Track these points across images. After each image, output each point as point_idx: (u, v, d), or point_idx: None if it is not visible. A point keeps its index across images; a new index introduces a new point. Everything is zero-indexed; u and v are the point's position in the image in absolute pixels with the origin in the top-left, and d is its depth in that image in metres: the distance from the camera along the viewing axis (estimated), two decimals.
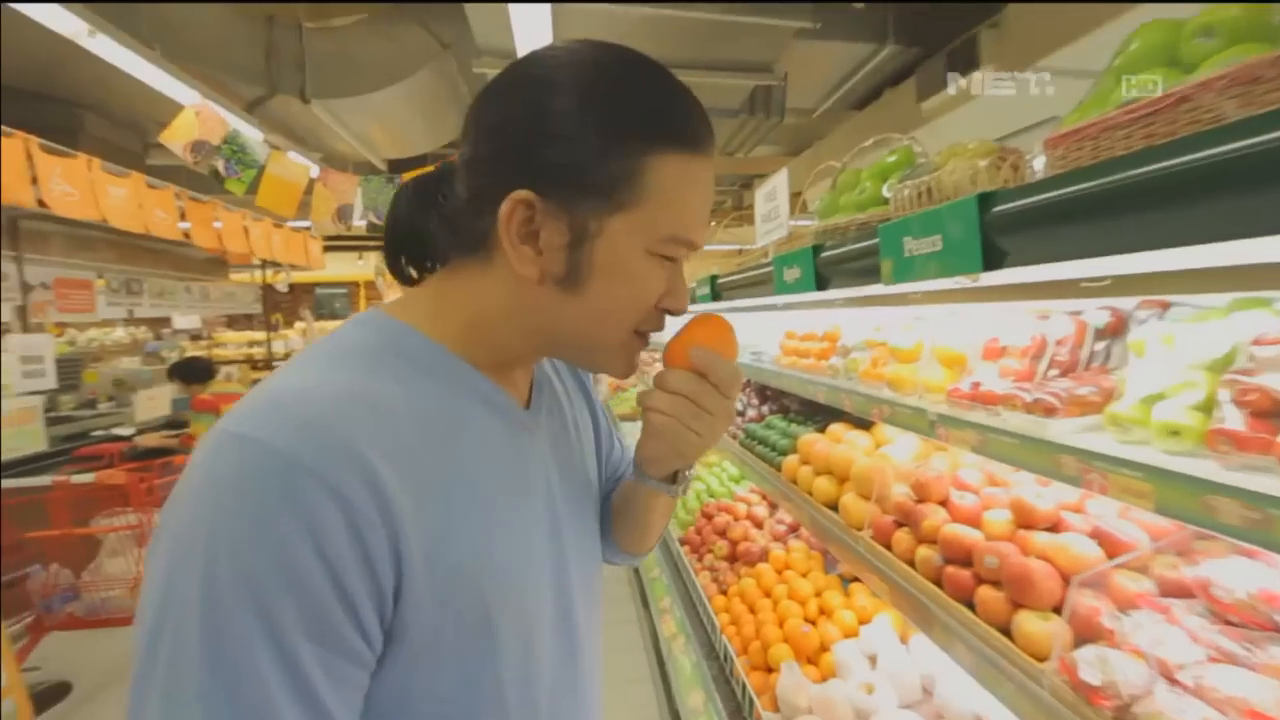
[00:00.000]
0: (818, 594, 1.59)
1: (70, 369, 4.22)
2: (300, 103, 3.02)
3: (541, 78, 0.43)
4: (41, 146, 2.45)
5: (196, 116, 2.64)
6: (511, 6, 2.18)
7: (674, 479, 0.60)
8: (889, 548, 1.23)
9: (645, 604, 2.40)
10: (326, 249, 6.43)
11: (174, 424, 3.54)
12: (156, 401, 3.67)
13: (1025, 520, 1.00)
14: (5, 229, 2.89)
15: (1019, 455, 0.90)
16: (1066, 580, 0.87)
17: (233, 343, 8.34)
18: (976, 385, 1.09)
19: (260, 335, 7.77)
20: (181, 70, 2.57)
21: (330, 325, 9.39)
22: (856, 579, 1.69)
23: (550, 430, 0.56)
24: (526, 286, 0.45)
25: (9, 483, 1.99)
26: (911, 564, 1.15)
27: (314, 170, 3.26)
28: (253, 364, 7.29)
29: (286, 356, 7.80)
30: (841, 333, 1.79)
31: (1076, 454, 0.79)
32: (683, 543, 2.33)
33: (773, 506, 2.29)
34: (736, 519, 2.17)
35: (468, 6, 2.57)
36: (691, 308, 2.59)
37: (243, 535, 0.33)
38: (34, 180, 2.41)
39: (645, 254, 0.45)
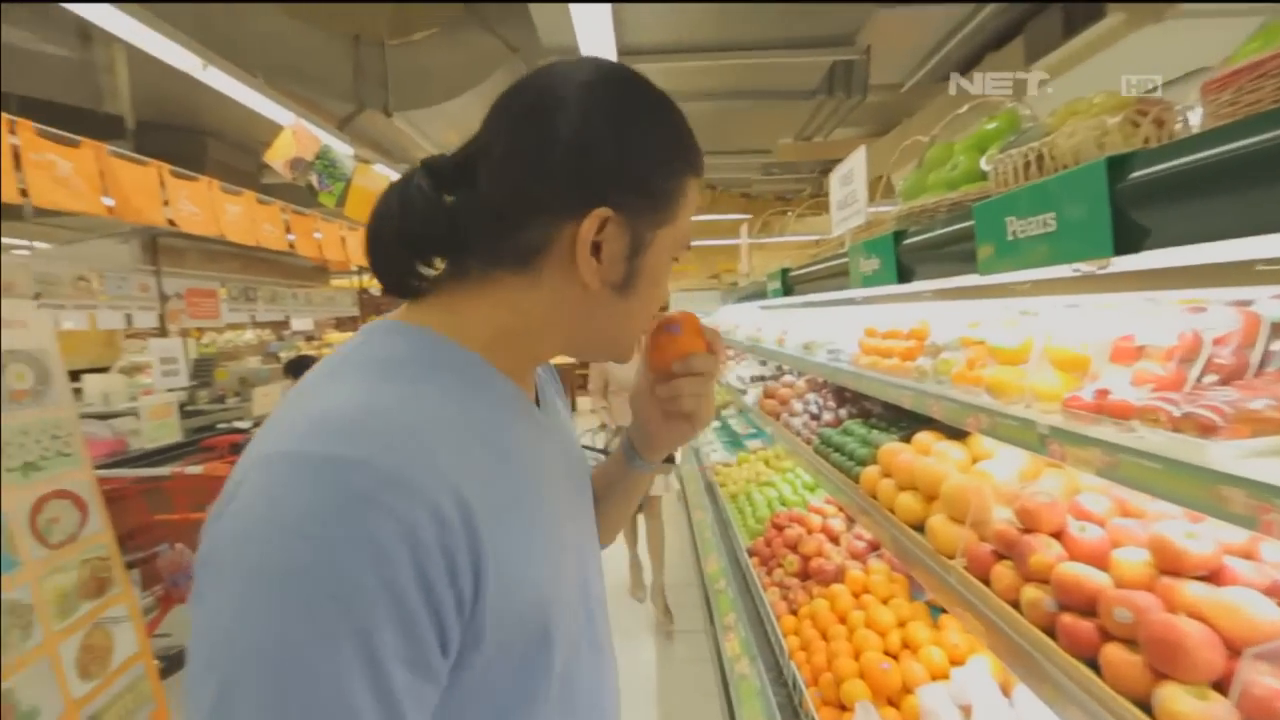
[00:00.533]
0: (901, 624, 1.42)
1: (206, 368, 4.78)
2: (384, 117, 3.19)
3: (627, 106, 0.46)
4: (171, 172, 2.76)
5: (293, 135, 2.87)
6: (573, 5, 2.15)
7: (670, 458, 0.69)
8: (987, 583, 1.05)
9: (711, 618, 2.30)
10: None
11: None
12: (270, 397, 4.06)
13: (1170, 565, 0.80)
14: (145, 246, 3.32)
15: (1162, 483, 0.72)
16: (1232, 649, 0.68)
17: (338, 342, 9.12)
18: (1103, 394, 0.90)
19: None
20: (280, 93, 2.79)
21: None
22: (949, 610, 1.49)
23: (556, 424, 0.57)
24: (580, 295, 0.47)
25: (142, 471, 2.26)
26: (1015, 605, 0.97)
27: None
28: None
29: None
30: (930, 330, 1.59)
31: (1248, 486, 0.60)
32: (751, 553, 2.20)
33: (850, 520, 2.10)
34: (810, 531, 2.01)
35: (533, 8, 2.58)
36: (762, 303, 2.44)
37: (344, 565, 0.31)
38: (165, 202, 2.72)
39: (670, 260, 0.51)
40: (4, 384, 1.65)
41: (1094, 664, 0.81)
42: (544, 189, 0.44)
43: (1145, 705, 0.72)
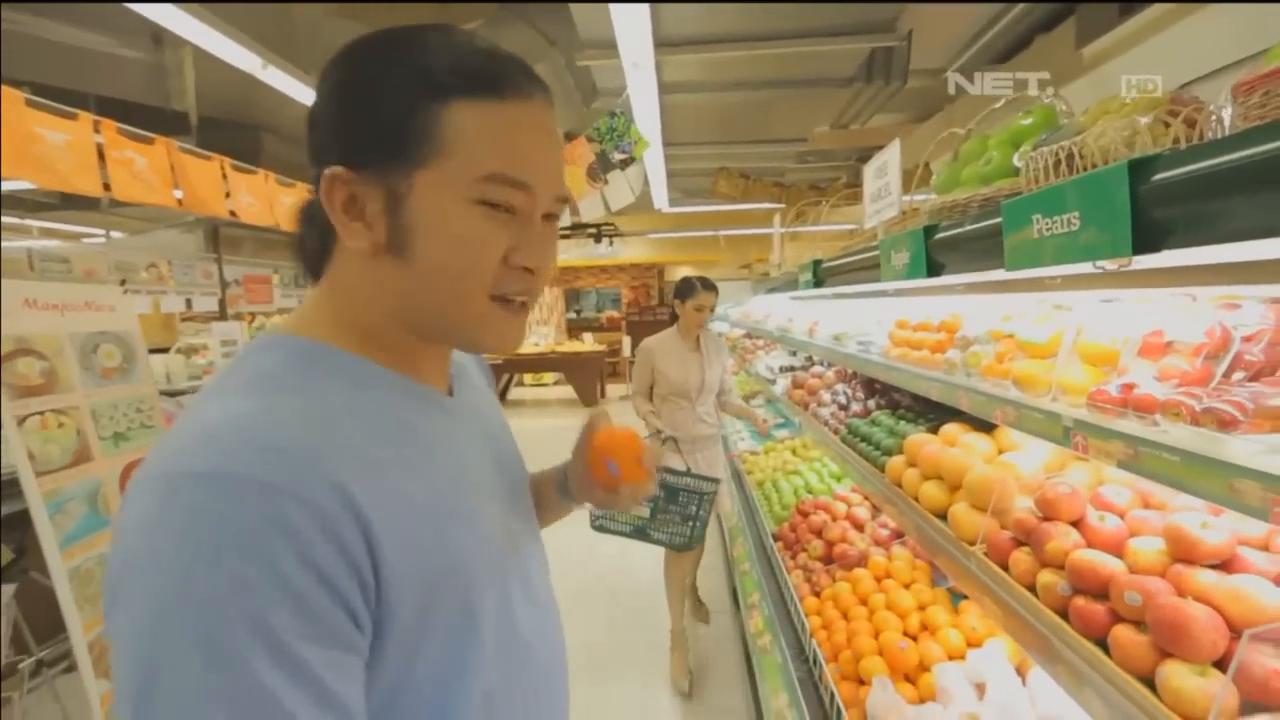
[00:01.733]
0: (921, 608, 1.46)
1: None
2: None
3: (337, 62, 0.45)
4: (232, 166, 2.94)
5: None
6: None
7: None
8: (1005, 568, 1.08)
9: (735, 599, 2.37)
10: None
11: None
12: None
13: (1184, 553, 0.83)
14: (208, 236, 3.55)
15: (1182, 476, 0.75)
16: (1235, 631, 0.71)
17: None
18: (1129, 388, 0.92)
19: None
20: None
21: None
22: (969, 596, 1.53)
23: (475, 413, 0.57)
24: (370, 265, 0.45)
25: None
26: (1032, 589, 1.01)
27: None
28: None
29: None
30: (961, 322, 1.60)
31: (1262, 479, 0.63)
32: (776, 538, 2.26)
33: (875, 509, 2.13)
34: (834, 519, 2.05)
35: (571, 3, 2.63)
36: (793, 294, 2.43)
37: (227, 563, 0.32)
38: (227, 194, 2.90)
39: (467, 204, 0.43)
40: (97, 362, 1.83)
41: (1103, 645, 0.84)
42: (312, 169, 0.45)
43: (1149, 682, 0.76)
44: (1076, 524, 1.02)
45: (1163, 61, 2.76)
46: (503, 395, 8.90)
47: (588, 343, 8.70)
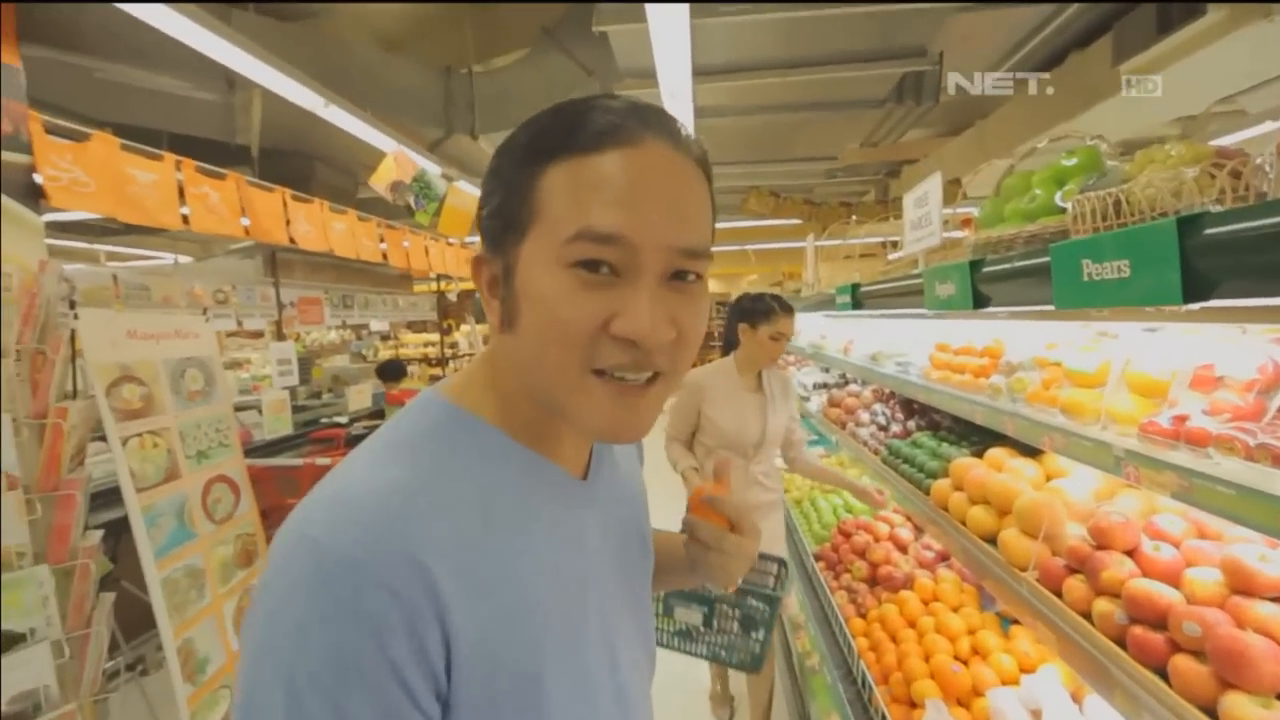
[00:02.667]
0: (970, 632, 1.48)
1: (304, 367, 5.30)
2: (470, 139, 3.47)
3: (503, 154, 0.46)
4: (292, 196, 3.13)
5: (395, 161, 3.18)
6: (651, 24, 2.28)
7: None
8: (1059, 595, 1.11)
9: (780, 619, 2.39)
10: None
11: (376, 414, 4.29)
12: (362, 395, 4.47)
13: (1242, 585, 0.85)
14: (267, 261, 3.77)
15: (1236, 509, 0.78)
16: None
17: (413, 343, 9.79)
18: (1181, 420, 0.95)
19: (435, 337, 9.02)
20: (381, 122, 3.10)
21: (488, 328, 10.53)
22: (1018, 621, 1.54)
23: (609, 496, 0.55)
24: (503, 340, 0.46)
25: (275, 461, 2.61)
26: (1087, 617, 1.03)
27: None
28: (428, 361, 8.48)
29: (455, 355, 8.94)
30: (1005, 348, 1.63)
31: None
32: (817, 558, 2.28)
33: (918, 530, 2.14)
34: (877, 540, 2.07)
35: (611, 32, 2.75)
36: (830, 314, 2.44)
37: (314, 634, 0.35)
38: (287, 222, 3.09)
39: (559, 269, 0.40)
40: (184, 386, 1.98)
41: (1162, 674, 0.87)
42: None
43: (1211, 712, 0.78)
44: (1131, 553, 1.04)
45: (1200, 79, 2.75)
46: None
47: None
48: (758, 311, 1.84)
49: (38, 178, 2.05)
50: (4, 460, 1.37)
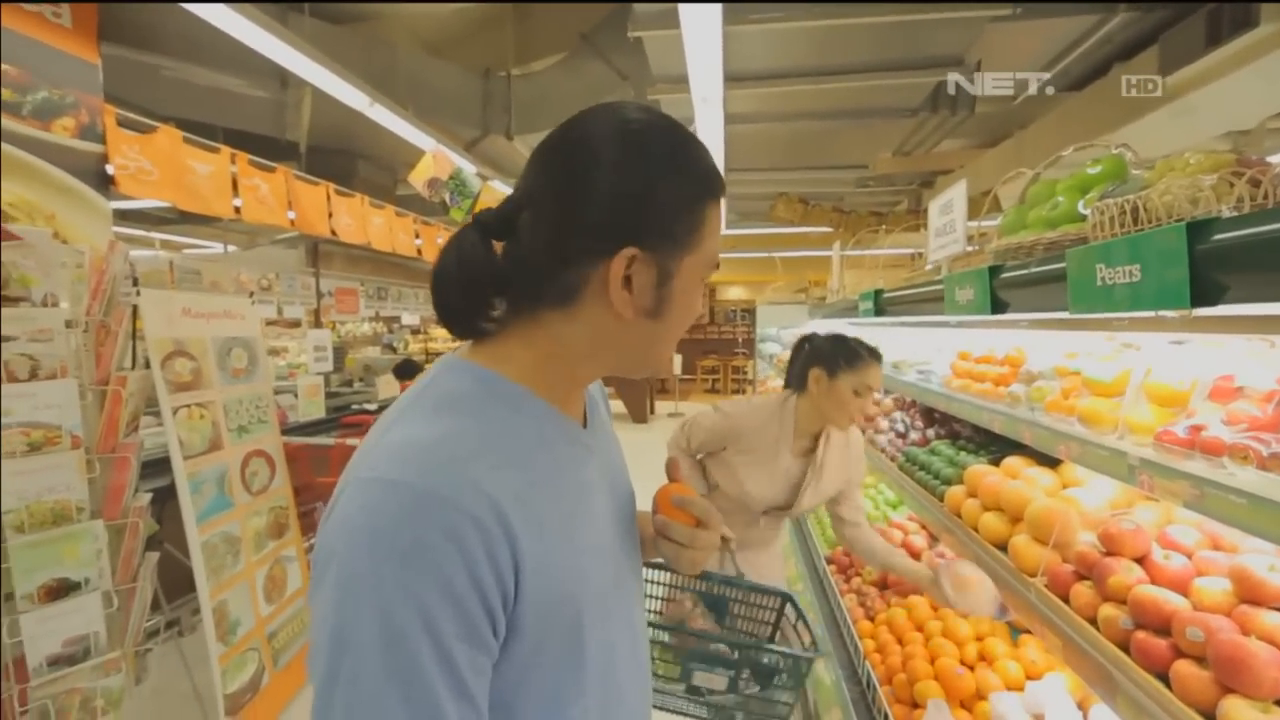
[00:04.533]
0: (979, 638, 1.47)
1: (337, 355, 5.49)
2: (505, 140, 3.58)
3: (620, 147, 0.50)
4: (335, 191, 3.28)
5: (433, 159, 3.30)
6: (684, 30, 2.33)
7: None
8: (1066, 600, 1.11)
9: None
10: None
11: None
12: (390, 385, 4.62)
13: (1250, 594, 0.85)
14: (309, 252, 3.95)
15: (1248, 519, 0.78)
16: None
17: (441, 337, 10.03)
18: (1196, 430, 0.95)
19: None
20: (422, 122, 3.23)
21: None
22: (1030, 630, 1.52)
23: (602, 445, 0.63)
24: (615, 323, 0.51)
25: (310, 439, 2.73)
26: (1093, 622, 1.03)
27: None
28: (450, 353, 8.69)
29: None
30: (1025, 357, 1.62)
31: None
32: (829, 561, 2.29)
33: (933, 538, 2.13)
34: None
35: (646, 38, 2.81)
36: (859, 319, 2.42)
37: (410, 565, 0.39)
38: (329, 215, 3.24)
39: (699, 282, 0.55)
40: (229, 363, 2.11)
41: (1165, 679, 0.87)
42: (578, 237, 0.49)
43: (1210, 716, 0.79)
44: (1140, 560, 1.04)
45: (1253, 92, 2.67)
46: None
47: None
48: (840, 356, 1.39)
49: (109, 167, 2.21)
50: (69, 422, 1.49)
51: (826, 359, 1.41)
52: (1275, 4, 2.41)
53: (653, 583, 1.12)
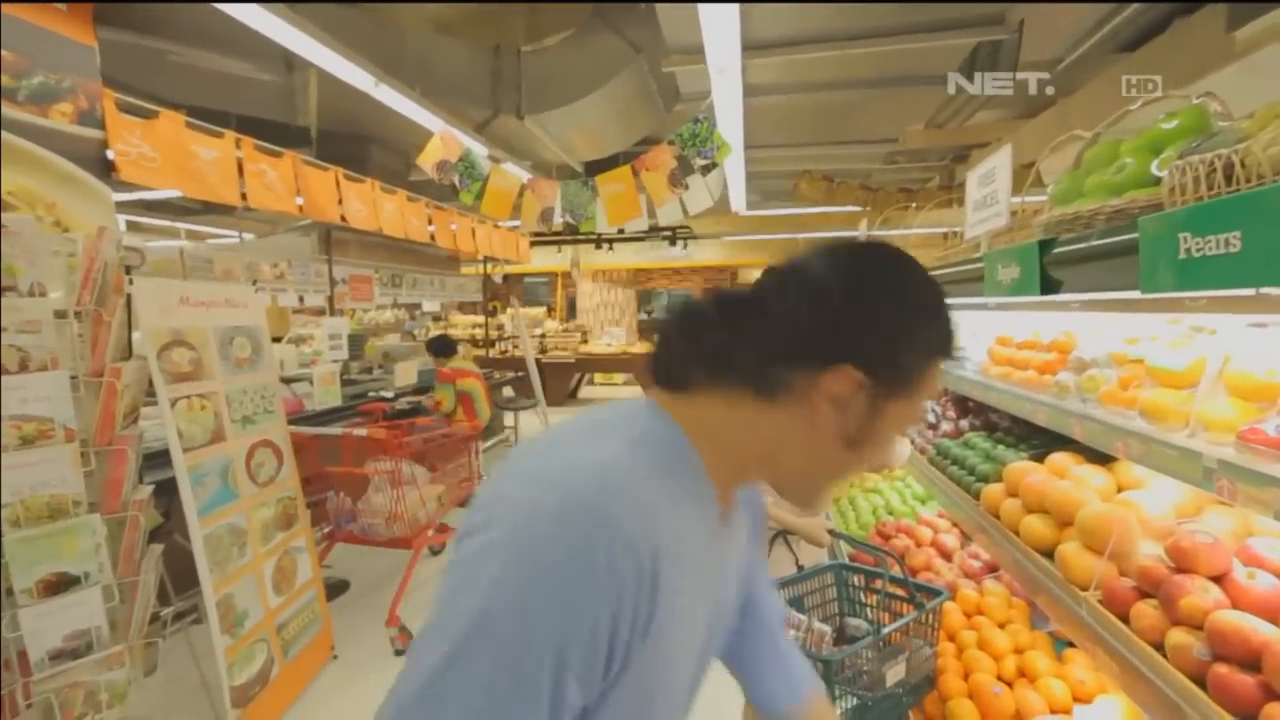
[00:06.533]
0: (1018, 651, 1.34)
1: (357, 343, 5.52)
2: (516, 119, 3.46)
3: (897, 285, 0.52)
4: (345, 176, 3.22)
5: (441, 140, 3.21)
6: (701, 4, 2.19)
7: None
8: (1125, 620, 0.98)
9: None
10: (532, 244, 7.31)
11: (420, 389, 4.42)
12: (409, 371, 4.61)
13: None
14: (321, 239, 3.93)
15: None
16: None
17: (461, 324, 10.07)
18: None
19: (481, 319, 9.24)
20: (431, 103, 3.13)
21: (533, 311, 10.77)
22: (1076, 644, 1.39)
23: (731, 548, 0.62)
24: (807, 433, 0.51)
25: (317, 429, 2.71)
26: (1159, 648, 0.90)
27: (525, 178, 3.73)
28: (474, 342, 8.69)
29: (501, 336, 9.12)
30: (1076, 342, 1.46)
31: None
32: (851, 559, 2.16)
33: (965, 537, 1.99)
34: (919, 544, 1.94)
35: (660, 9, 2.65)
36: None
37: (566, 586, 0.39)
38: (340, 201, 3.18)
39: (899, 429, 0.54)
40: (232, 353, 2.07)
41: None
42: (811, 336, 0.50)
43: None
44: (1218, 579, 0.90)
45: None
46: (573, 394, 9.14)
47: None
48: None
49: (110, 153, 2.17)
50: (63, 414, 1.46)
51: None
52: None
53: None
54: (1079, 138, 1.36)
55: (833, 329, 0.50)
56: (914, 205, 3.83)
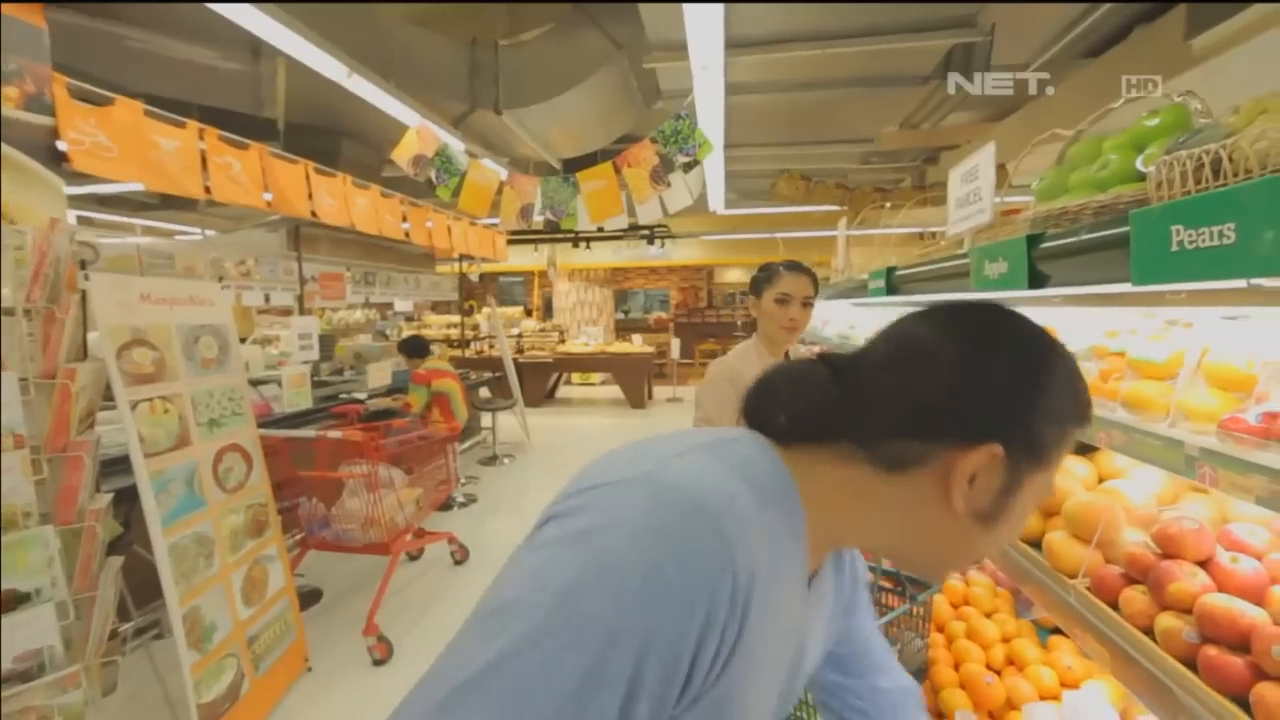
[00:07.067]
0: (1005, 640, 1.37)
1: (328, 344, 5.34)
2: (494, 114, 3.39)
3: (1035, 355, 0.48)
4: (315, 170, 3.11)
5: (417, 135, 3.13)
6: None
7: None
8: (1114, 606, 1.00)
9: None
10: (509, 242, 7.21)
11: (394, 390, 4.30)
12: (382, 372, 4.48)
13: None
14: (290, 235, 3.78)
15: None
16: None
17: (436, 324, 9.85)
18: (1272, 417, 0.83)
19: (456, 319, 9.06)
20: (406, 95, 3.05)
21: (510, 311, 10.62)
22: (1058, 631, 1.42)
23: (809, 614, 0.58)
24: (936, 512, 0.48)
25: (290, 432, 2.60)
26: (1148, 632, 0.92)
27: (503, 174, 3.66)
28: (449, 343, 8.53)
29: (476, 336, 8.97)
30: (1058, 336, 1.49)
31: None
32: None
33: None
34: None
35: (643, 5, 2.63)
36: (869, 300, 2.24)
37: (666, 584, 0.37)
38: (310, 196, 3.07)
39: (1031, 506, 0.50)
40: (198, 353, 1.97)
41: (1240, 702, 0.76)
42: (951, 413, 0.46)
43: None
44: (1204, 564, 0.93)
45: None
46: (551, 394, 9.05)
47: (636, 344, 8.72)
48: (760, 279, 1.62)
49: (61, 142, 2.05)
50: (11, 419, 1.36)
51: (755, 285, 1.65)
52: None
53: None
54: (1058, 137, 1.40)
55: (983, 407, 0.46)
56: (889, 205, 3.91)
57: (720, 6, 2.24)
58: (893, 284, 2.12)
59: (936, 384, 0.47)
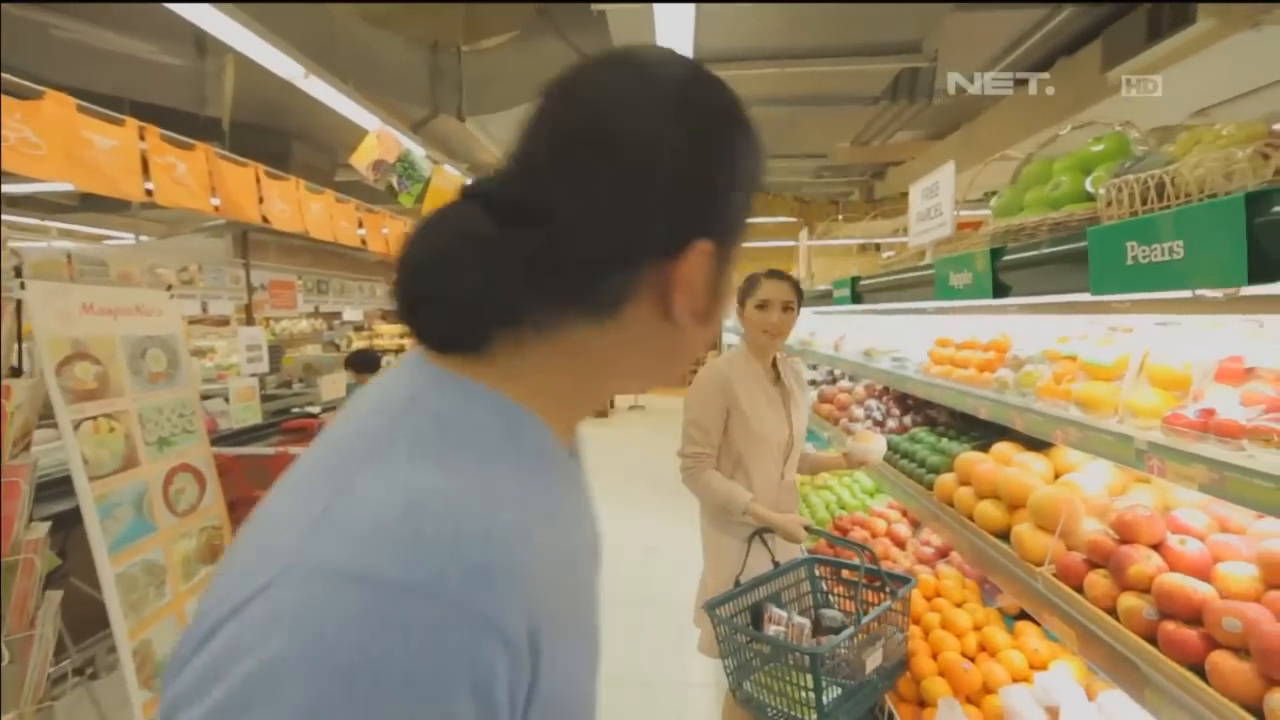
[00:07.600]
0: (977, 628, 1.45)
1: (274, 355, 5.06)
2: (457, 120, 3.34)
3: (718, 120, 0.40)
4: (265, 173, 2.96)
5: (378, 139, 3.04)
6: (656, 9, 2.21)
7: None
8: (1079, 590, 1.09)
9: None
10: None
11: None
12: (336, 384, 4.29)
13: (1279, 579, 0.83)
14: (237, 241, 3.58)
15: (1274, 501, 0.76)
16: None
17: (388, 334, 9.52)
18: (1209, 413, 0.93)
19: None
20: (364, 98, 2.95)
21: None
22: (1024, 617, 1.52)
23: (583, 478, 0.52)
24: (665, 332, 0.41)
25: (247, 450, 2.45)
26: (1111, 613, 1.01)
27: (468, 181, 3.59)
28: (401, 352, 8.24)
29: None
30: (1012, 342, 1.61)
31: None
32: (812, 552, 2.25)
33: (915, 525, 2.13)
34: (874, 535, 2.05)
35: (609, 12, 2.66)
36: (830, 308, 2.36)
37: (405, 703, 0.26)
38: (260, 200, 2.92)
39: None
40: (145, 367, 1.83)
41: (1197, 670, 0.84)
42: (644, 230, 0.38)
43: (1256, 710, 0.76)
44: (1156, 548, 1.02)
45: (1189, 87, 2.81)
46: None
47: None
48: (743, 289, 1.69)
49: None
50: None
51: (739, 297, 1.72)
52: (1211, 2, 2.53)
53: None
54: (1009, 159, 1.52)
55: (673, 211, 0.38)
56: (842, 217, 4.10)
57: (690, 20, 2.30)
58: (857, 293, 2.23)
59: (619, 203, 0.37)
